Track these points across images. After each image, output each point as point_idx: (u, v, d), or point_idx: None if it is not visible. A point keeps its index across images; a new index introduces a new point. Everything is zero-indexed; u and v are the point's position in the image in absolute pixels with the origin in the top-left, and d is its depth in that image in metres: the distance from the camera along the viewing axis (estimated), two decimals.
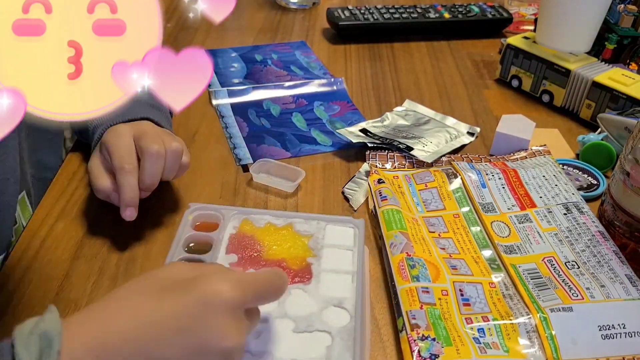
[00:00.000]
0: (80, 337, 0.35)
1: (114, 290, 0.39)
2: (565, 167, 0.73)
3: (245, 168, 0.72)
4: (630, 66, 0.90)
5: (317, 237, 0.57)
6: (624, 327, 0.50)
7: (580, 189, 0.69)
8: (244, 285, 0.40)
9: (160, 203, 0.67)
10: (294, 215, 0.59)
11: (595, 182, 0.71)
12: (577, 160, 0.75)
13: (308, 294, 0.51)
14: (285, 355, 0.46)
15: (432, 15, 1.09)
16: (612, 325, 0.50)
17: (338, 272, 0.53)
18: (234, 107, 0.85)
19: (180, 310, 0.37)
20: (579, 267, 0.56)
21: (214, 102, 0.85)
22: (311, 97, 0.88)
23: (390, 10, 1.09)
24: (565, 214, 0.63)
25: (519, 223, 0.62)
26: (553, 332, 0.50)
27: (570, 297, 0.53)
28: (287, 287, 0.43)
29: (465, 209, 0.65)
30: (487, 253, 0.59)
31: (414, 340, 0.49)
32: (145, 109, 0.64)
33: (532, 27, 1.10)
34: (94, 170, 0.60)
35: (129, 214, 0.58)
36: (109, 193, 0.59)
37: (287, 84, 0.90)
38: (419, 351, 0.48)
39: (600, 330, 0.50)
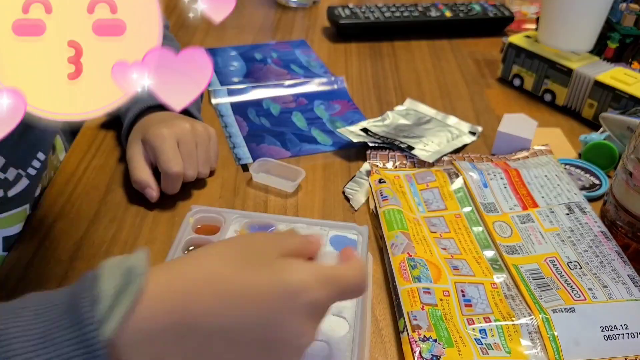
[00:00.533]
0: (164, 293, 0.35)
1: (200, 251, 0.38)
2: (567, 166, 0.73)
3: (245, 167, 0.72)
4: (632, 65, 0.90)
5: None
6: (626, 328, 0.50)
7: (582, 188, 0.69)
8: (332, 284, 0.38)
9: (159, 202, 0.66)
10: (297, 220, 0.59)
11: (598, 182, 0.71)
12: (579, 160, 0.74)
13: None
14: None
15: (433, 13, 1.09)
16: (615, 326, 0.50)
17: None
18: (234, 106, 0.84)
19: (264, 298, 0.36)
20: (581, 268, 0.56)
21: (213, 101, 0.85)
22: (311, 96, 0.87)
23: (391, 9, 1.08)
24: (567, 214, 0.62)
25: (521, 223, 0.62)
26: (555, 333, 0.49)
27: (572, 297, 0.52)
28: (365, 289, 0.41)
29: (467, 209, 0.64)
30: (489, 253, 0.59)
31: (415, 341, 0.48)
32: None
33: (534, 26, 1.09)
34: (135, 161, 0.64)
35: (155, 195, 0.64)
36: (146, 186, 0.63)
37: (287, 82, 0.89)
38: (420, 352, 0.48)
39: (602, 331, 0.50)
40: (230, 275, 0.36)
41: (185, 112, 0.70)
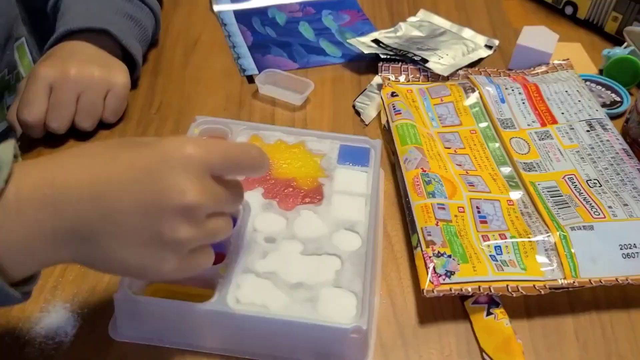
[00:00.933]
0: (32, 174, 0.34)
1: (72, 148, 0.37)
2: (587, 83, 0.69)
3: (251, 79, 0.68)
4: None
5: (330, 156, 0.54)
6: None
7: (603, 106, 0.66)
8: (210, 145, 0.36)
9: (162, 113, 0.63)
10: (307, 132, 0.56)
11: (619, 99, 0.68)
12: (600, 76, 0.71)
13: (318, 216, 0.49)
14: (292, 278, 0.44)
15: None
16: (634, 244, 0.49)
17: (351, 195, 0.51)
18: (237, 14, 0.79)
19: (137, 162, 0.35)
20: (601, 185, 0.54)
21: (215, 8, 0.80)
22: (319, 5, 0.82)
23: None
24: (587, 131, 0.60)
25: (539, 140, 0.59)
26: (573, 251, 0.48)
27: (591, 215, 0.51)
28: (266, 163, 0.39)
29: (483, 124, 0.61)
30: (506, 170, 0.57)
31: (429, 257, 0.47)
32: (109, 17, 0.61)
33: None
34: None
35: None
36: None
37: None
38: (434, 268, 0.46)
39: (621, 249, 0.48)
40: (101, 150, 0.36)
41: (126, 53, 0.63)
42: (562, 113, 0.62)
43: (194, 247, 0.36)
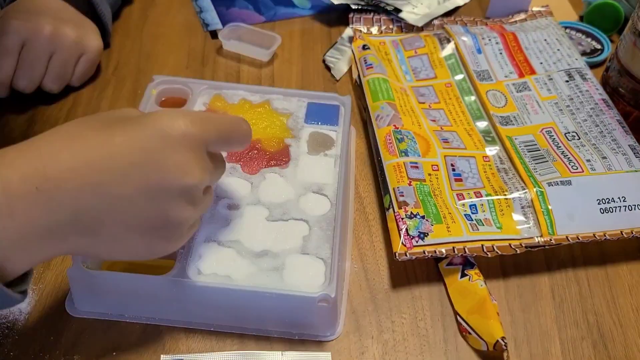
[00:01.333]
0: (18, 166, 0.30)
1: (58, 125, 0.34)
2: (567, 30, 0.66)
3: (214, 34, 0.64)
4: None
5: (297, 115, 0.51)
6: (624, 200, 0.47)
7: (583, 54, 0.64)
8: (204, 120, 0.35)
9: (119, 73, 0.59)
10: (272, 90, 0.53)
11: (599, 47, 0.65)
12: (580, 23, 0.68)
13: (285, 179, 0.46)
14: (257, 246, 0.41)
15: None
16: (612, 198, 0.47)
17: (319, 155, 0.48)
18: None
19: (133, 143, 0.32)
20: (579, 138, 0.52)
21: None
22: None
23: None
24: (567, 81, 0.57)
25: (517, 92, 0.57)
26: (550, 207, 0.46)
27: (569, 170, 0.49)
28: (251, 136, 0.39)
29: (459, 77, 0.59)
30: (482, 124, 0.54)
31: (402, 219, 0.45)
32: None
33: None
34: None
35: None
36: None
37: None
38: (406, 229, 0.45)
39: (599, 204, 0.47)
40: (91, 134, 0.32)
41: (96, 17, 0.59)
42: (541, 63, 0.59)
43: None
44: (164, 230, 0.34)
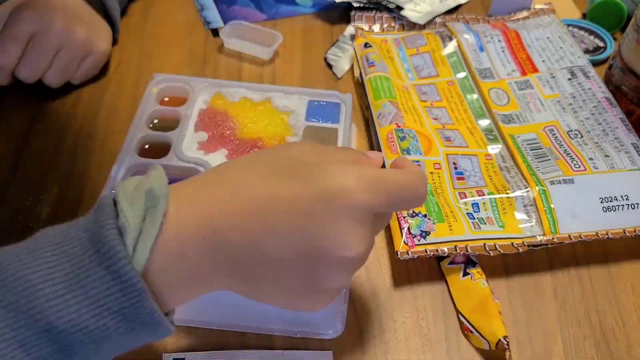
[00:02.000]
0: (188, 210, 0.31)
1: (226, 164, 0.34)
2: (570, 28, 0.66)
3: (215, 32, 0.64)
4: None
5: (298, 113, 0.51)
6: (627, 199, 0.47)
7: (585, 52, 0.63)
8: (378, 186, 0.32)
9: (121, 72, 0.59)
10: (273, 88, 0.53)
11: (602, 45, 0.65)
12: (583, 21, 0.68)
13: None
14: None
15: None
16: (615, 197, 0.47)
17: None
18: None
19: (296, 204, 0.31)
20: (582, 137, 0.52)
21: None
22: None
23: None
24: (569, 79, 0.57)
25: (519, 90, 0.57)
26: (552, 206, 0.46)
27: (571, 168, 0.49)
28: (425, 200, 0.35)
29: (461, 75, 0.59)
30: (484, 123, 0.54)
31: (404, 217, 0.45)
32: None
33: None
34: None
35: None
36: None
37: None
38: (408, 228, 0.44)
39: (601, 202, 0.47)
40: (257, 184, 0.32)
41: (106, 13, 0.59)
42: (543, 61, 0.59)
43: None
44: (314, 294, 0.33)
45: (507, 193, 0.48)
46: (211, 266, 0.31)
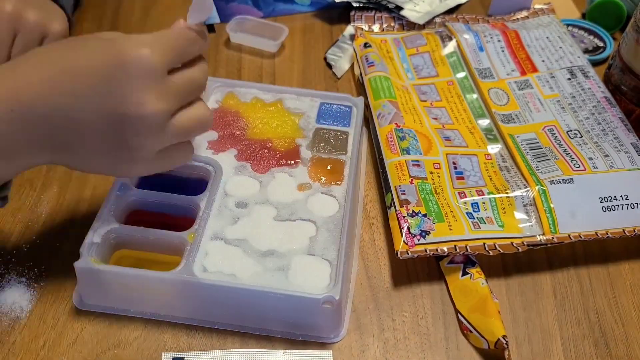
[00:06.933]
0: None
1: (42, 47, 0.37)
2: (569, 28, 0.66)
3: (211, 28, 0.64)
4: None
5: (309, 115, 0.51)
6: (626, 199, 0.47)
7: (585, 52, 0.63)
8: (163, 43, 0.35)
9: None
10: (285, 89, 0.53)
11: (602, 45, 0.65)
12: (582, 21, 0.68)
13: (294, 179, 0.46)
14: (263, 245, 0.41)
15: None
16: (614, 196, 0.47)
17: (330, 156, 0.48)
18: None
19: (95, 69, 0.34)
20: (581, 136, 0.52)
21: None
22: None
23: None
24: (569, 79, 0.57)
25: (519, 89, 0.57)
26: (552, 205, 0.46)
27: (571, 168, 0.49)
28: (204, 38, 0.38)
29: (461, 74, 0.59)
30: (484, 123, 0.54)
31: (404, 217, 0.45)
32: None
33: None
34: None
35: None
36: None
37: None
38: (408, 228, 0.45)
39: (601, 202, 0.47)
40: (59, 56, 0.35)
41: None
42: (543, 61, 0.59)
43: (164, 147, 0.37)
44: (126, 153, 0.36)
45: (507, 193, 0.48)
46: (25, 137, 0.34)
